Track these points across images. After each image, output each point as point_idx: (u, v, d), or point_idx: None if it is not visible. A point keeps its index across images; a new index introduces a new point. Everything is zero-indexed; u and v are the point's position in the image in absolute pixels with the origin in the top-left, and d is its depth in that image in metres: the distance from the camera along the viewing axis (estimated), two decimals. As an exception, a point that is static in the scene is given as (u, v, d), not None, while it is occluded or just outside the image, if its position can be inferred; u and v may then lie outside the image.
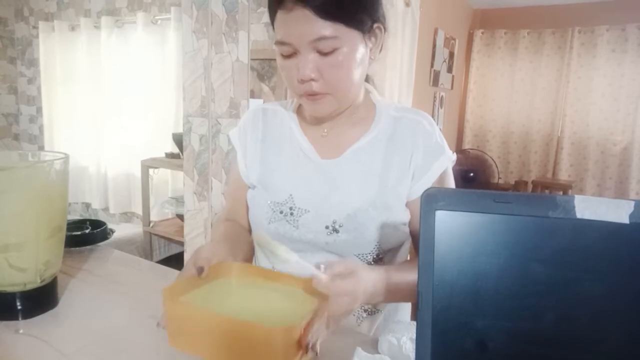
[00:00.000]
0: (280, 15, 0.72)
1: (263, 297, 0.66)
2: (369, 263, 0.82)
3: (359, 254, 0.81)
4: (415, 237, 0.86)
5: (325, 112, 0.79)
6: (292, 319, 0.57)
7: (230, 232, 0.88)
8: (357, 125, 0.85)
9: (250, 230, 0.92)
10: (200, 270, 0.65)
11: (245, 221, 0.93)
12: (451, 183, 0.86)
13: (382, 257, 0.83)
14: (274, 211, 0.83)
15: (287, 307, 0.64)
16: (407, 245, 0.90)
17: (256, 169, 0.89)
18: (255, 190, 0.88)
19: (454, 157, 0.84)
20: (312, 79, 0.73)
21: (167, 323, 0.59)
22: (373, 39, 0.77)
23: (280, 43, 0.74)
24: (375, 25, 0.76)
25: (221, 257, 0.71)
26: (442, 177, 0.83)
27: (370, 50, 0.78)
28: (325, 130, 0.86)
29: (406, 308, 0.97)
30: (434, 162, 0.81)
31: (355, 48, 0.73)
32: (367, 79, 0.90)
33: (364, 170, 0.81)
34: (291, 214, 0.82)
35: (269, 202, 0.84)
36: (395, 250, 0.86)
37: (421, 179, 0.81)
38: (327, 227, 0.80)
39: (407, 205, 0.82)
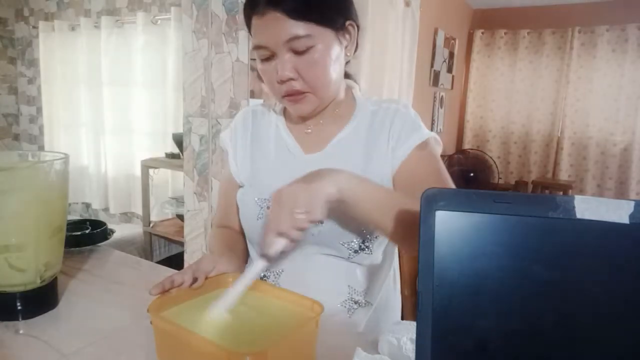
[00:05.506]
0: (255, 20, 0.77)
1: (254, 313, 0.66)
2: (355, 251, 0.84)
3: (344, 242, 0.83)
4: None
5: (307, 111, 0.82)
6: (273, 340, 0.58)
7: (228, 241, 0.91)
8: (338, 121, 0.88)
9: (243, 233, 0.95)
10: (193, 281, 0.67)
11: (237, 223, 0.95)
12: (441, 167, 0.84)
13: (368, 245, 0.84)
14: (261, 207, 0.86)
15: (274, 325, 0.63)
16: None
17: (246, 170, 0.92)
18: (244, 189, 0.91)
19: (433, 134, 0.85)
20: (292, 79, 0.77)
21: (155, 335, 0.61)
22: (347, 36, 0.81)
23: (257, 47, 0.78)
24: (347, 23, 0.80)
25: (222, 270, 0.74)
26: (427, 158, 0.82)
27: (346, 47, 0.82)
28: (309, 128, 0.89)
29: (397, 302, 0.99)
30: (412, 133, 0.83)
31: (330, 45, 0.77)
32: (349, 77, 0.93)
33: (346, 162, 0.83)
34: None
35: (256, 199, 0.87)
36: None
37: (400, 148, 0.82)
38: None
39: (394, 179, 0.83)
